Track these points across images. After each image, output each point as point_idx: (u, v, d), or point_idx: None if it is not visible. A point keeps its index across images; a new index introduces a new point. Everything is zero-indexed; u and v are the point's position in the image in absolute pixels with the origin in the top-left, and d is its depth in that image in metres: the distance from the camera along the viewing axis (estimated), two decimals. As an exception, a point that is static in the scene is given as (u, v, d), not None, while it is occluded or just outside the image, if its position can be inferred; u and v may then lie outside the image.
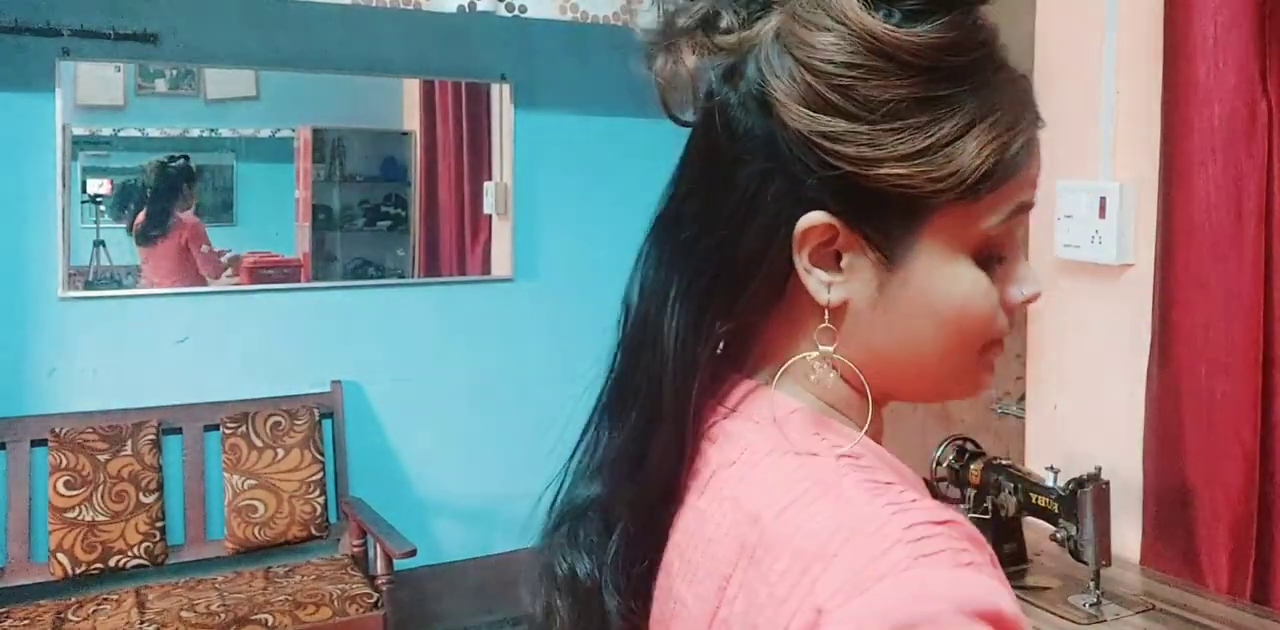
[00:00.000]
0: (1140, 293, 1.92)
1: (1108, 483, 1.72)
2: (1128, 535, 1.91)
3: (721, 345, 0.63)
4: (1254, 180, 1.70)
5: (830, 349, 0.59)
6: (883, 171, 0.54)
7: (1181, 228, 1.79)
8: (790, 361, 0.60)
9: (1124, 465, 1.92)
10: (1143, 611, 1.70)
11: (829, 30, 0.54)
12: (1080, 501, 1.70)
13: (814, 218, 0.56)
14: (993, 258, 0.59)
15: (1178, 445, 1.82)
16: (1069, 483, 1.73)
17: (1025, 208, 0.58)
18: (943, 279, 0.57)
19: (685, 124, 0.63)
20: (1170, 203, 1.81)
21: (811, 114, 0.55)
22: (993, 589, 0.50)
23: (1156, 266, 1.85)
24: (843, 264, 0.58)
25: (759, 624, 0.53)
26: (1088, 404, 2.07)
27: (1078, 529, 1.71)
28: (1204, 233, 1.75)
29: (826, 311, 0.59)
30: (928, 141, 0.54)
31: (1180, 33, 1.77)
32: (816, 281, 0.58)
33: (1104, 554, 1.70)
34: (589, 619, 0.64)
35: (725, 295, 0.60)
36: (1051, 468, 1.78)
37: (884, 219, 0.56)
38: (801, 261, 0.58)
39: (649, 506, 0.62)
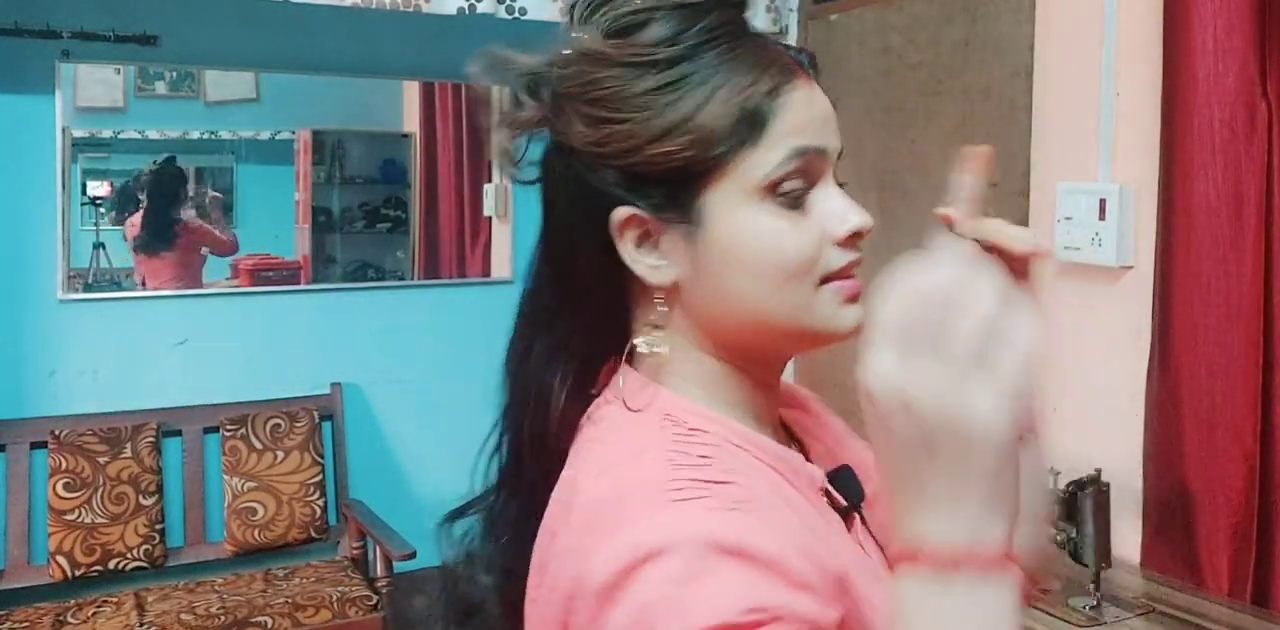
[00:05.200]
0: (1140, 295, 1.92)
1: (1108, 485, 1.72)
2: (1128, 537, 1.91)
3: (595, 340, 0.72)
4: (1254, 182, 1.70)
5: (661, 330, 0.69)
6: (649, 154, 0.64)
7: (1181, 230, 1.79)
8: (628, 348, 0.70)
9: (1124, 468, 1.92)
10: (1143, 614, 1.70)
11: (578, 64, 0.67)
12: (1080, 504, 1.70)
13: (619, 212, 0.66)
14: (792, 201, 0.65)
15: (1178, 447, 1.82)
16: (1069, 485, 1.73)
17: (804, 151, 0.65)
18: (739, 231, 0.65)
19: (528, 183, 0.74)
20: (1170, 205, 1.81)
21: (585, 131, 0.66)
22: (744, 528, 0.57)
23: (1156, 268, 1.85)
24: (662, 247, 0.67)
25: (553, 569, 0.62)
26: (1088, 406, 2.06)
27: (1078, 531, 1.71)
28: (1204, 235, 1.75)
29: (663, 293, 0.68)
30: (675, 116, 0.64)
31: (1180, 35, 1.77)
32: (646, 267, 0.67)
33: (1104, 556, 1.70)
34: (457, 604, 0.76)
35: (577, 313, 0.71)
36: (1051, 470, 1.78)
37: (672, 194, 0.65)
38: (628, 253, 0.67)
39: (522, 482, 0.75)
